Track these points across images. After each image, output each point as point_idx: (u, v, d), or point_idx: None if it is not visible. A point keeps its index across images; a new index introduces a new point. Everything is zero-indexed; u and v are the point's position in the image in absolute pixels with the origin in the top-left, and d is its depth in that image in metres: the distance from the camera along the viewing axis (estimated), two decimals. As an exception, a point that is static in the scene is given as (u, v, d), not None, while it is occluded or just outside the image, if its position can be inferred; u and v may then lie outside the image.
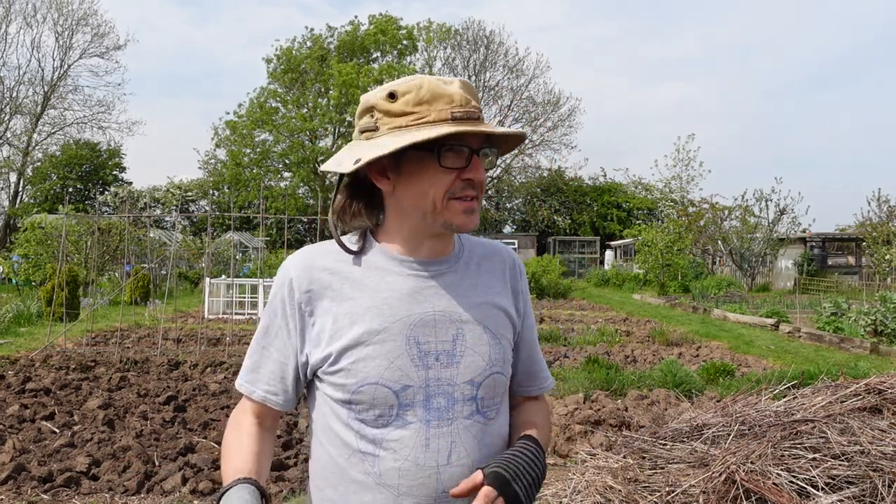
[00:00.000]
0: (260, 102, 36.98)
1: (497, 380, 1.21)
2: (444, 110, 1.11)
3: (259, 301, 13.40)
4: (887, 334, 10.15)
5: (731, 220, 24.58)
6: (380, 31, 37.98)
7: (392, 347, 1.15)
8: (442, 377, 1.16)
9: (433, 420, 1.15)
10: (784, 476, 2.84)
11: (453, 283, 1.22)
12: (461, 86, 1.15)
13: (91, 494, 3.82)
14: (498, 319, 1.24)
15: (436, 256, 1.22)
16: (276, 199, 34.87)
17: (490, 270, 1.28)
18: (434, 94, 1.12)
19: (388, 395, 1.14)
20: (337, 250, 1.23)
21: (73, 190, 41.52)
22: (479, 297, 1.23)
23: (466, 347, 1.18)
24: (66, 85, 38.24)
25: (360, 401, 1.14)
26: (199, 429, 5.04)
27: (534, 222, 39.86)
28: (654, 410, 5.37)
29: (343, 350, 1.15)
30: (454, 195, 1.14)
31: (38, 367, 7.28)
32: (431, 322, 1.17)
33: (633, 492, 3.13)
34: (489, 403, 1.21)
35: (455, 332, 1.18)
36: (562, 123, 39.67)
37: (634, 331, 11.34)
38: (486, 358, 1.20)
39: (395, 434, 1.14)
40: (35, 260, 17.53)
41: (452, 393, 1.16)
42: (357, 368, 1.14)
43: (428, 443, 1.14)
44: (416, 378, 1.15)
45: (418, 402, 1.15)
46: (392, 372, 1.14)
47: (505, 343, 1.24)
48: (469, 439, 1.17)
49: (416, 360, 1.15)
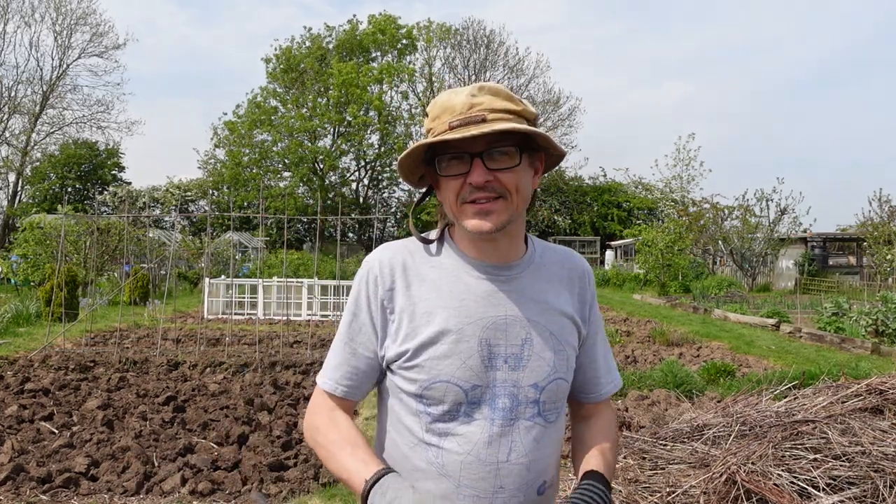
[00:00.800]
0: (258, 102, 36.97)
1: (560, 385, 1.26)
2: (445, 122, 1.16)
3: (259, 301, 13.40)
4: (888, 335, 10.13)
5: (732, 219, 24.56)
6: (379, 30, 37.98)
7: (466, 348, 1.20)
8: (508, 379, 1.21)
9: (497, 419, 1.20)
10: (785, 477, 2.83)
11: (524, 288, 1.26)
12: (471, 92, 1.17)
13: (90, 495, 3.81)
14: (564, 327, 1.28)
15: (504, 261, 1.26)
16: (276, 198, 34.84)
17: (560, 278, 1.31)
18: (443, 108, 1.18)
19: (458, 393, 1.19)
20: (417, 248, 1.29)
21: (71, 190, 41.48)
22: (547, 303, 1.27)
23: (533, 352, 1.23)
24: (65, 84, 38.22)
25: (431, 396, 1.21)
26: (198, 429, 5.02)
27: (534, 222, 39.83)
28: (654, 411, 5.35)
29: (419, 347, 1.21)
30: (465, 200, 1.18)
31: (36, 368, 7.27)
32: (503, 326, 1.22)
33: (633, 492, 3.12)
34: (550, 407, 1.25)
35: (524, 337, 1.23)
36: (562, 123, 39.70)
37: (635, 331, 11.33)
38: (551, 364, 1.24)
39: (460, 429, 1.20)
40: (34, 260, 17.51)
41: (517, 395, 1.21)
42: (431, 366, 1.20)
43: (490, 440, 1.20)
44: (485, 378, 1.20)
45: (485, 402, 1.20)
46: (464, 371, 1.19)
47: (569, 350, 1.28)
48: (529, 440, 1.22)
49: (486, 361, 1.20)
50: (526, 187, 1.21)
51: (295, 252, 26.38)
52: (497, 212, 1.17)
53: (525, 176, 1.20)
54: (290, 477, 4.05)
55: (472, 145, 1.16)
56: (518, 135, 1.16)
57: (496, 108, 1.16)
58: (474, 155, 1.16)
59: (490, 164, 1.16)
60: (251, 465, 4.18)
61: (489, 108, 1.15)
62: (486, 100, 1.16)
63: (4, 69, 40.03)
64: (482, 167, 1.15)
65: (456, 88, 1.20)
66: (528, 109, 1.20)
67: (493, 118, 1.15)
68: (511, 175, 1.17)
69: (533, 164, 1.24)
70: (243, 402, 5.74)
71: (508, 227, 1.21)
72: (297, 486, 3.94)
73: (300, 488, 3.93)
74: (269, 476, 4.05)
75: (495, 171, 1.16)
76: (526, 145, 1.19)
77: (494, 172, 1.16)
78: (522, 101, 1.21)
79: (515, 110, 1.17)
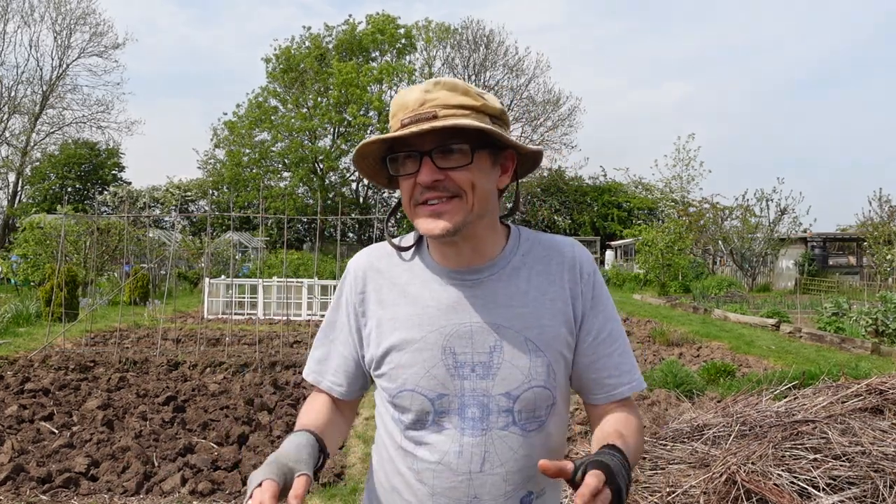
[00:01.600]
0: (258, 102, 36.97)
1: (538, 394, 1.18)
2: (398, 120, 1.12)
3: (259, 301, 13.40)
4: (888, 334, 10.13)
5: (732, 219, 24.57)
6: (378, 30, 37.95)
7: (429, 356, 1.17)
8: (478, 388, 1.17)
9: (467, 429, 1.17)
10: (785, 477, 2.83)
11: (495, 292, 1.20)
12: (426, 88, 1.12)
13: (90, 495, 3.81)
14: (544, 330, 1.19)
15: (469, 265, 1.20)
16: (276, 199, 34.83)
17: (545, 273, 1.23)
18: (398, 105, 1.14)
19: (423, 402, 1.18)
20: (394, 253, 1.28)
21: (71, 190, 41.46)
22: (525, 306, 1.19)
23: (504, 360, 1.17)
24: (65, 84, 38.20)
25: (400, 405, 1.20)
26: (198, 429, 5.02)
27: (534, 222, 39.86)
28: (654, 411, 5.35)
29: (384, 355, 1.21)
30: (418, 201, 1.14)
31: (36, 368, 7.27)
32: (468, 333, 1.18)
33: (633, 492, 3.12)
34: (528, 417, 1.18)
35: (493, 344, 1.17)
36: (562, 123, 39.69)
37: (635, 331, 11.33)
38: (525, 371, 1.17)
39: (430, 438, 1.19)
40: (34, 260, 17.51)
41: (487, 404, 1.17)
42: (396, 374, 1.20)
43: (461, 450, 1.17)
44: (452, 387, 1.17)
45: (453, 411, 1.17)
46: (428, 380, 1.17)
47: (552, 354, 1.19)
48: (504, 450, 1.17)
49: (451, 370, 1.17)
50: (484, 186, 1.14)
51: (295, 252, 26.39)
52: (450, 213, 1.12)
53: (483, 174, 1.14)
54: (290, 477, 4.05)
55: (422, 143, 1.11)
56: (472, 131, 1.10)
57: (450, 104, 1.10)
58: (424, 153, 1.11)
59: (441, 163, 1.11)
60: (251, 465, 4.18)
61: (442, 104, 1.10)
62: (441, 95, 1.11)
63: (4, 69, 40.10)
64: (431, 165, 1.11)
65: (414, 85, 1.15)
66: (489, 105, 1.14)
67: (445, 114, 1.09)
68: (464, 173, 1.11)
69: (497, 161, 1.18)
70: (243, 402, 5.74)
71: (469, 229, 1.15)
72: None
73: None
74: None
75: (447, 170, 1.11)
76: (485, 142, 1.13)
77: (446, 171, 1.11)
78: (483, 96, 1.15)
79: (473, 105, 1.11)
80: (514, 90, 39.45)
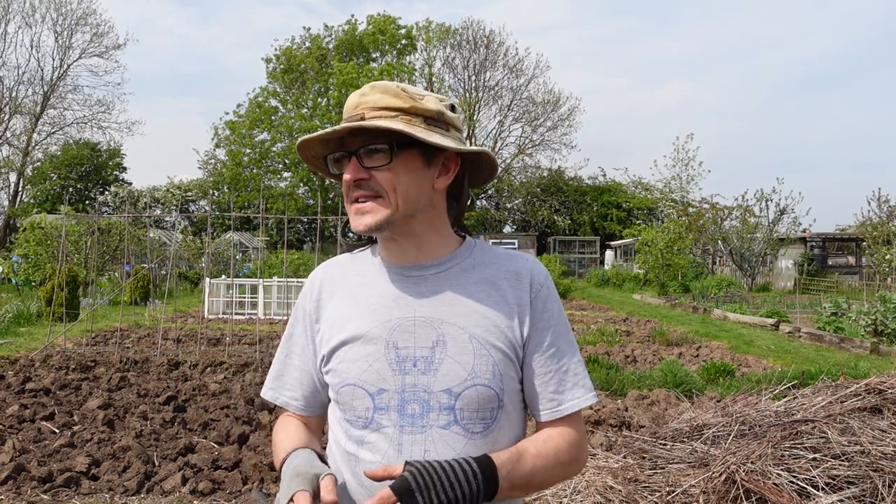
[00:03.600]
0: (259, 102, 36.98)
1: (482, 392, 1.14)
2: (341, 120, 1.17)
3: (259, 301, 13.41)
4: (887, 334, 10.15)
5: (732, 220, 24.56)
6: (378, 30, 37.97)
7: (372, 350, 1.17)
8: (418, 384, 1.15)
9: (406, 426, 1.14)
10: (784, 476, 2.84)
11: (440, 289, 1.20)
12: (363, 91, 1.17)
13: (91, 494, 3.82)
14: (490, 330, 1.18)
15: (415, 261, 1.22)
16: (277, 199, 34.84)
17: (493, 279, 1.22)
18: (346, 106, 1.18)
19: (364, 397, 1.16)
20: (350, 260, 1.31)
21: (72, 190, 41.49)
22: (471, 305, 1.19)
23: (446, 356, 1.15)
24: (66, 85, 38.25)
25: (343, 401, 1.19)
26: (198, 429, 5.03)
27: (534, 222, 39.85)
28: (654, 410, 5.36)
29: (332, 351, 1.21)
30: (351, 199, 1.18)
31: (37, 367, 7.28)
32: (411, 327, 1.17)
33: (633, 492, 3.13)
34: (471, 416, 1.14)
35: (435, 339, 1.16)
36: (562, 123, 39.70)
37: (634, 331, 11.33)
38: (468, 368, 1.15)
39: (371, 437, 1.16)
40: (35, 260, 17.53)
41: (428, 400, 1.14)
42: (341, 369, 1.19)
43: (401, 448, 1.14)
44: (393, 383, 1.15)
45: (392, 407, 1.15)
46: (370, 375, 1.16)
47: (497, 355, 1.17)
48: (445, 450, 1.13)
49: (393, 364, 1.16)
50: (409, 187, 1.15)
51: (295, 252, 26.39)
52: (372, 211, 1.15)
53: (408, 174, 1.15)
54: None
55: (353, 144, 1.16)
56: (396, 133, 1.12)
57: (378, 106, 1.14)
58: (352, 153, 1.16)
59: (367, 163, 1.15)
60: (252, 465, 4.19)
61: (371, 107, 1.14)
62: (374, 98, 1.15)
63: (6, 69, 39.98)
64: (355, 164, 1.15)
65: (365, 86, 1.19)
66: (421, 106, 1.15)
67: (371, 116, 1.13)
68: (385, 173, 1.14)
69: (433, 162, 1.18)
70: (244, 401, 5.75)
71: (400, 227, 1.17)
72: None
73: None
74: (270, 475, 4.05)
75: (371, 170, 1.15)
76: (412, 143, 1.14)
77: (370, 171, 1.15)
78: (417, 98, 1.16)
79: (401, 107, 1.14)
80: (513, 90, 39.47)
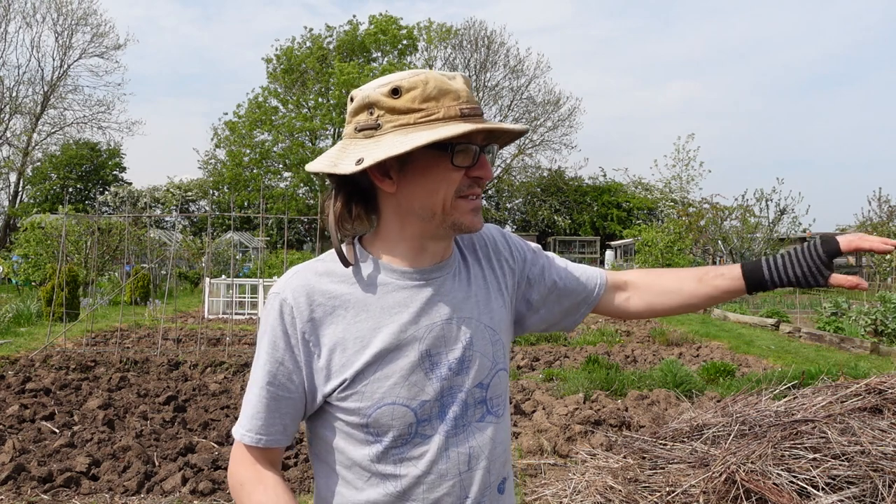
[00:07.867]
0: (259, 102, 36.98)
1: (501, 376, 1.22)
2: (452, 107, 1.07)
3: (259, 301, 13.40)
4: (888, 334, 10.14)
5: (732, 220, 24.56)
6: (380, 30, 37.97)
7: (406, 363, 1.12)
8: (454, 385, 1.15)
9: (450, 430, 1.15)
10: (784, 476, 2.84)
11: (454, 287, 1.19)
12: (464, 81, 1.12)
13: (91, 494, 3.82)
14: (494, 312, 1.23)
15: (437, 262, 1.19)
16: (277, 199, 34.85)
17: (477, 260, 1.26)
18: (441, 90, 1.07)
19: (406, 413, 1.12)
20: (327, 269, 1.15)
21: (72, 190, 41.51)
22: (475, 293, 1.22)
23: (475, 352, 1.18)
24: (66, 85, 38.26)
25: (379, 423, 1.11)
26: (199, 429, 5.03)
27: (534, 222, 39.88)
28: (654, 410, 5.36)
29: (357, 375, 1.11)
30: (461, 193, 1.11)
31: (37, 367, 7.28)
32: (440, 332, 1.15)
33: (633, 492, 3.13)
34: (497, 402, 1.21)
35: (463, 338, 1.17)
36: (562, 123, 39.70)
37: (634, 331, 11.34)
38: (490, 357, 1.20)
39: (416, 451, 1.13)
40: (35, 260, 17.54)
41: (465, 399, 1.16)
42: (371, 390, 1.11)
43: (448, 453, 1.14)
44: (431, 391, 1.13)
45: (434, 415, 1.14)
46: (408, 389, 1.12)
47: (505, 335, 1.24)
48: (485, 441, 1.18)
49: (429, 372, 1.14)
50: None
51: (295, 252, 26.41)
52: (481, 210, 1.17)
53: None
54: (291, 476, 4.06)
55: (477, 137, 1.10)
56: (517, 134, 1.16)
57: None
58: (481, 148, 1.11)
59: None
60: (252, 465, 4.19)
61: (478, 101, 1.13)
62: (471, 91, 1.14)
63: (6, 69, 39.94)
64: (487, 162, 1.12)
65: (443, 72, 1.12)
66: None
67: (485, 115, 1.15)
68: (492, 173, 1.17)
69: None
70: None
71: None
72: (298, 486, 3.95)
73: (300, 488, 3.94)
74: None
75: None
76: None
77: None
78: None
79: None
80: (514, 91, 39.49)
